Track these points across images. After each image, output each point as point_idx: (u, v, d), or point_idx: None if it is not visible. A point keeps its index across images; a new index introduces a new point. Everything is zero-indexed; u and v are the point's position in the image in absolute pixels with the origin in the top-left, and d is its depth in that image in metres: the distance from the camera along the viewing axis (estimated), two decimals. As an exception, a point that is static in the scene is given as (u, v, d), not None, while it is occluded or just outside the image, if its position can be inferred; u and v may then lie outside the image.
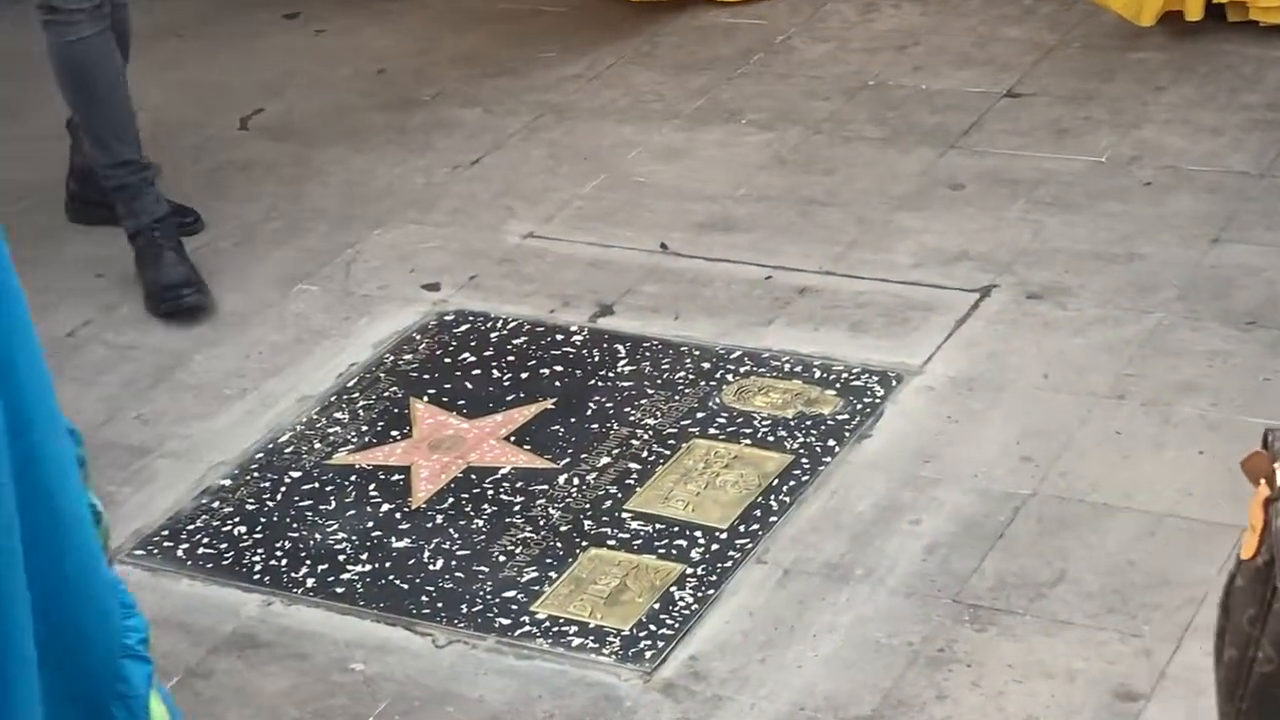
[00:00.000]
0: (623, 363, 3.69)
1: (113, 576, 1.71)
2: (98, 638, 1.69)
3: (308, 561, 3.22)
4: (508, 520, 3.27)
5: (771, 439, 3.41)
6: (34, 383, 1.59)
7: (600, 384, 3.63)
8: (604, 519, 3.25)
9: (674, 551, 3.14)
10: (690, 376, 3.62)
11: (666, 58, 4.99)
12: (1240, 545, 1.49)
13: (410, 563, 3.18)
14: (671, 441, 3.43)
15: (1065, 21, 4.87)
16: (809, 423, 3.44)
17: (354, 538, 3.27)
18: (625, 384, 3.62)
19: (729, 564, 3.10)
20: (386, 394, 3.67)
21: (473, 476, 3.39)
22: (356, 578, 3.17)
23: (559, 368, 3.70)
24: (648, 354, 3.71)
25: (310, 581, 3.16)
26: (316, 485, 3.42)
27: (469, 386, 3.67)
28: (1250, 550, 1.42)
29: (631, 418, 3.51)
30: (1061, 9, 4.90)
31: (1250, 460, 1.44)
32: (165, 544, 3.31)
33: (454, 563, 3.17)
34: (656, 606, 3.01)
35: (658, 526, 3.21)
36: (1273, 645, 1.45)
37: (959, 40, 4.89)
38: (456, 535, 3.24)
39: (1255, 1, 4.58)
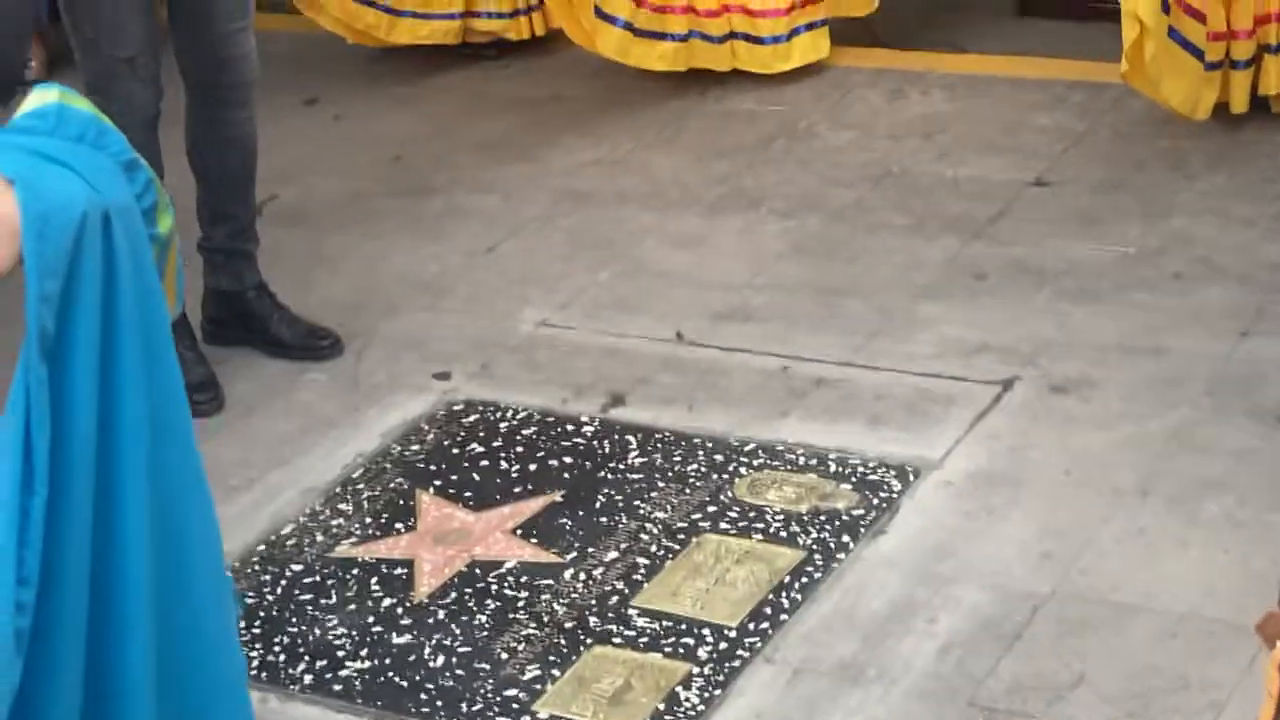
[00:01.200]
0: (634, 454, 3.68)
1: None
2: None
3: (306, 657, 3.20)
4: (511, 616, 3.25)
5: (784, 534, 3.39)
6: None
7: (610, 476, 3.62)
8: (610, 616, 3.23)
9: (681, 650, 3.11)
10: (702, 469, 3.61)
11: (688, 143, 5.01)
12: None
13: (410, 659, 3.17)
14: (681, 536, 3.42)
15: (1095, 109, 4.87)
16: (823, 518, 3.42)
17: (354, 633, 3.25)
18: (635, 476, 3.61)
19: (737, 663, 3.07)
20: (392, 485, 3.67)
21: (477, 570, 3.38)
22: (355, 674, 3.15)
23: (568, 459, 3.69)
24: (659, 446, 3.70)
25: (308, 678, 3.15)
26: (318, 579, 3.41)
27: (476, 478, 3.66)
28: (1269, 717, 1.38)
29: (641, 511, 3.50)
30: (1091, 96, 4.89)
31: (1266, 622, 1.43)
32: (162, 637, 3.29)
33: (455, 659, 3.16)
34: (661, 707, 2.99)
35: (665, 624, 3.19)
36: None
37: (987, 127, 4.90)
38: (459, 631, 3.23)
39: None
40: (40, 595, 1.49)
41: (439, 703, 3.05)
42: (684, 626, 3.17)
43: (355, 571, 3.42)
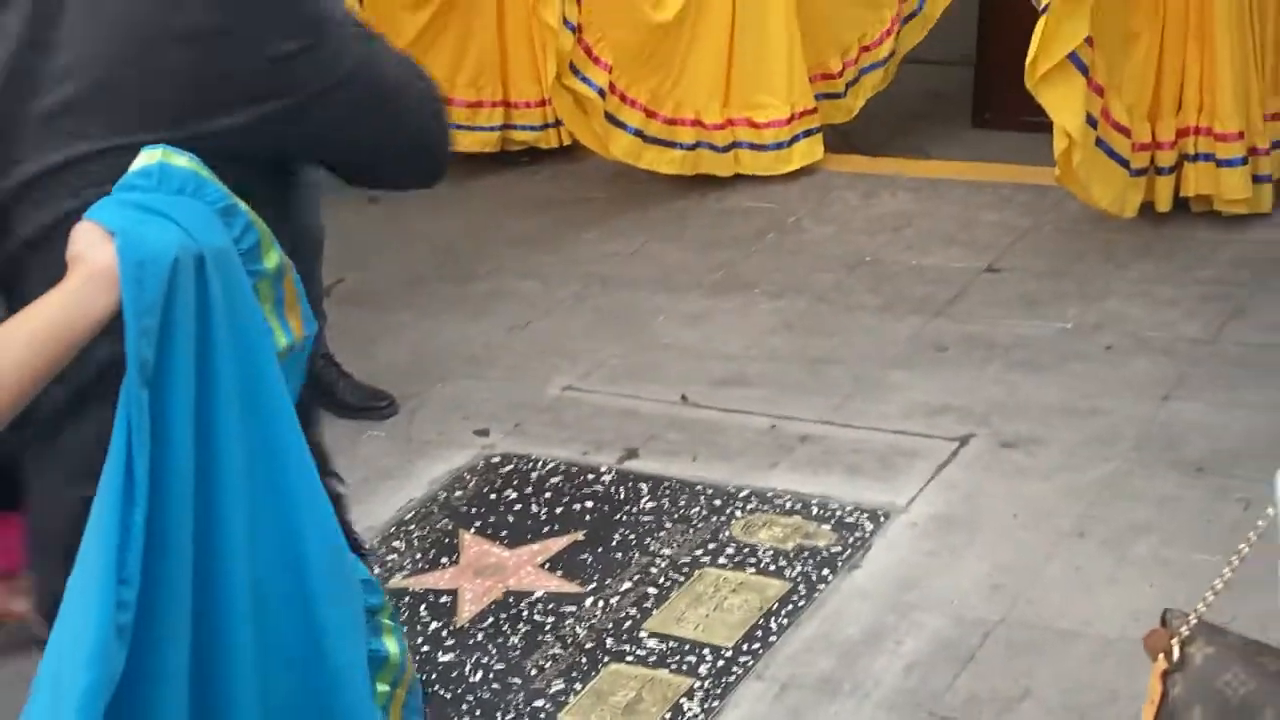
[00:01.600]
0: (645, 500, 3.68)
1: None
2: None
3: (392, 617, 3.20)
4: (539, 638, 3.25)
5: (773, 568, 3.39)
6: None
7: (624, 518, 3.62)
8: (624, 638, 3.23)
9: (685, 667, 3.12)
10: (703, 512, 3.61)
11: (692, 237, 5.02)
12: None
13: (453, 675, 3.17)
14: (685, 569, 3.42)
15: (1039, 208, 4.90)
16: (806, 554, 3.42)
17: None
18: (646, 518, 3.61)
19: (733, 679, 3.07)
20: (439, 526, 3.67)
21: (511, 599, 3.38)
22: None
23: (589, 504, 3.69)
24: (667, 492, 3.70)
25: (365, 690, 3.15)
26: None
27: (510, 520, 3.66)
28: (1154, 700, 1.39)
29: (651, 548, 3.50)
30: (1036, 197, 4.92)
31: (1150, 637, 1.43)
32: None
33: (491, 675, 3.15)
34: (668, 717, 2.99)
35: (671, 645, 3.19)
36: None
37: (946, 223, 4.92)
38: (494, 651, 3.22)
39: (1221, 195, 4.61)
40: (143, 595, 1.46)
41: (477, 712, 3.05)
42: (687, 647, 3.17)
43: (407, 599, 3.41)
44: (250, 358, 1.55)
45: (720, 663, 3.11)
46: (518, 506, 3.70)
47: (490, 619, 3.31)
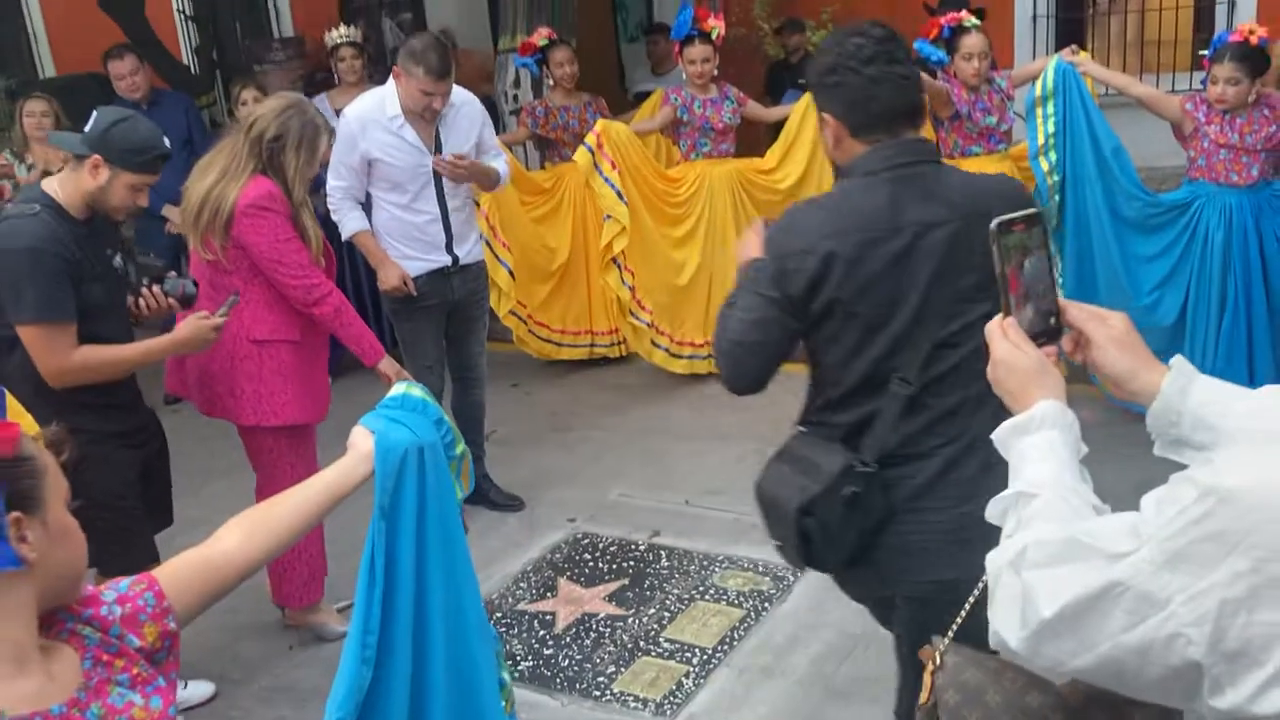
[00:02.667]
0: (664, 561, 3.67)
1: None
2: None
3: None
4: (601, 640, 3.24)
5: (736, 602, 3.37)
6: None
7: (651, 571, 3.61)
8: (650, 640, 3.22)
9: (684, 659, 3.11)
10: (697, 568, 3.59)
11: (695, 407, 5.00)
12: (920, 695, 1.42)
13: (553, 661, 3.16)
14: (686, 602, 3.40)
15: None
16: (755, 594, 3.40)
17: (524, 648, 3.25)
18: (664, 572, 3.60)
19: (712, 666, 3.07)
20: (546, 574, 3.66)
21: (585, 618, 3.37)
22: (525, 668, 3.14)
23: (631, 563, 3.68)
24: (677, 556, 3.69)
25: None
26: (509, 620, 3.40)
27: (586, 571, 3.65)
28: (925, 698, 1.33)
29: (666, 589, 3.49)
30: None
31: (923, 650, 1.38)
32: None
33: (573, 662, 3.15)
34: (674, 688, 2.98)
35: (677, 645, 3.18)
36: None
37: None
38: (576, 648, 3.22)
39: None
40: (380, 638, 1.48)
41: (565, 683, 3.05)
42: (686, 647, 3.16)
43: (525, 616, 3.41)
44: (445, 506, 1.56)
45: (705, 656, 3.10)
46: (591, 563, 3.70)
47: (574, 629, 3.32)
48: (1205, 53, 4.16)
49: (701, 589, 3.45)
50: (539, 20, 5.92)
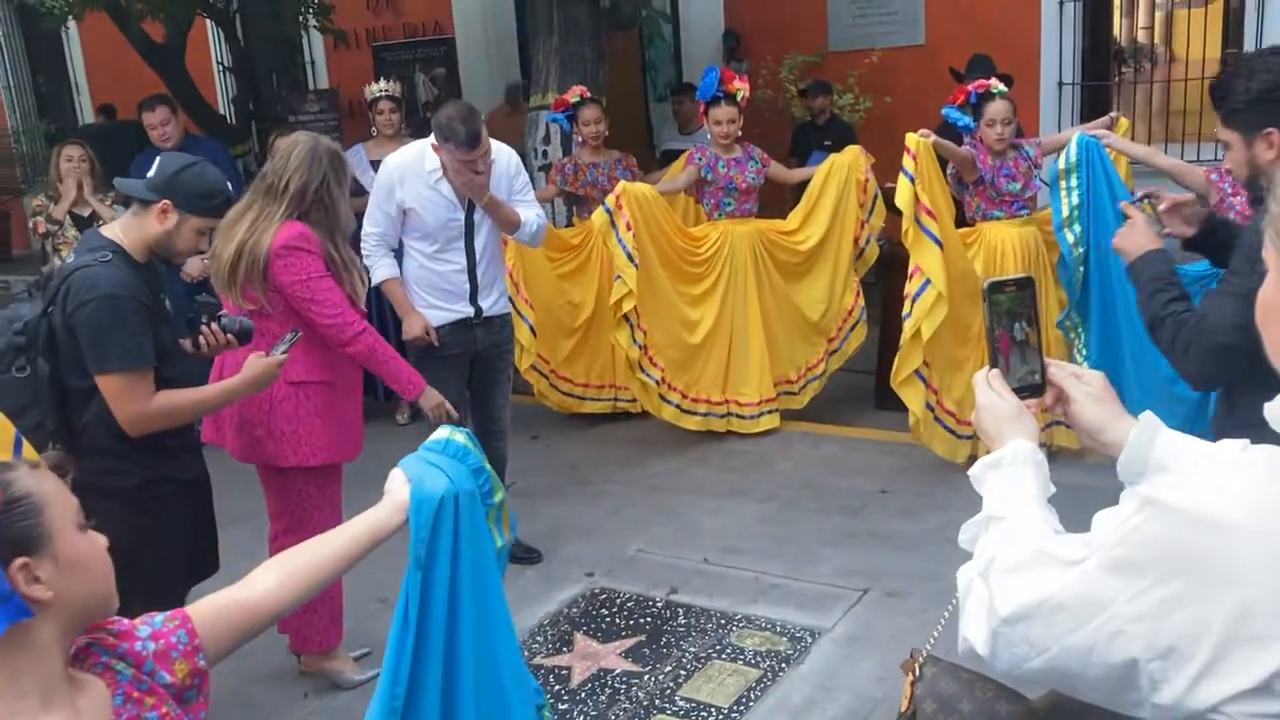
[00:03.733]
0: (681, 618, 3.65)
1: None
2: None
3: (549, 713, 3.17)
4: (616, 698, 3.22)
5: (753, 661, 3.35)
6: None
7: (669, 629, 3.59)
8: (665, 699, 3.19)
9: (701, 717, 3.08)
10: (714, 627, 3.57)
11: (714, 463, 5.01)
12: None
13: (567, 716, 3.13)
14: (702, 660, 3.38)
15: (910, 455, 4.81)
16: (772, 654, 3.38)
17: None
18: (681, 629, 3.58)
19: (727, 727, 3.02)
20: (562, 629, 3.64)
21: (601, 673, 3.35)
22: (539, 723, 3.12)
23: (648, 619, 3.66)
24: (695, 614, 3.67)
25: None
26: (523, 674, 3.38)
27: (603, 627, 3.63)
28: (905, 707, 1.45)
29: (683, 646, 3.46)
30: (911, 449, 4.80)
31: (905, 663, 1.51)
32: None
33: (590, 717, 3.12)
34: (688, 748, 2.94)
35: (692, 705, 3.15)
36: None
37: (858, 463, 4.89)
38: (591, 704, 3.19)
39: (1052, 437, 4.47)
40: (409, 689, 1.48)
41: (579, 740, 3.02)
42: (702, 706, 3.13)
43: (540, 671, 3.38)
44: (480, 556, 1.56)
45: (720, 716, 3.08)
46: (608, 619, 3.68)
47: (589, 684, 3.30)
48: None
49: (719, 648, 3.42)
50: (571, 78, 6.03)
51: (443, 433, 1.57)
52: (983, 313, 1.27)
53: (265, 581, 1.40)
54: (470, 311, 3.80)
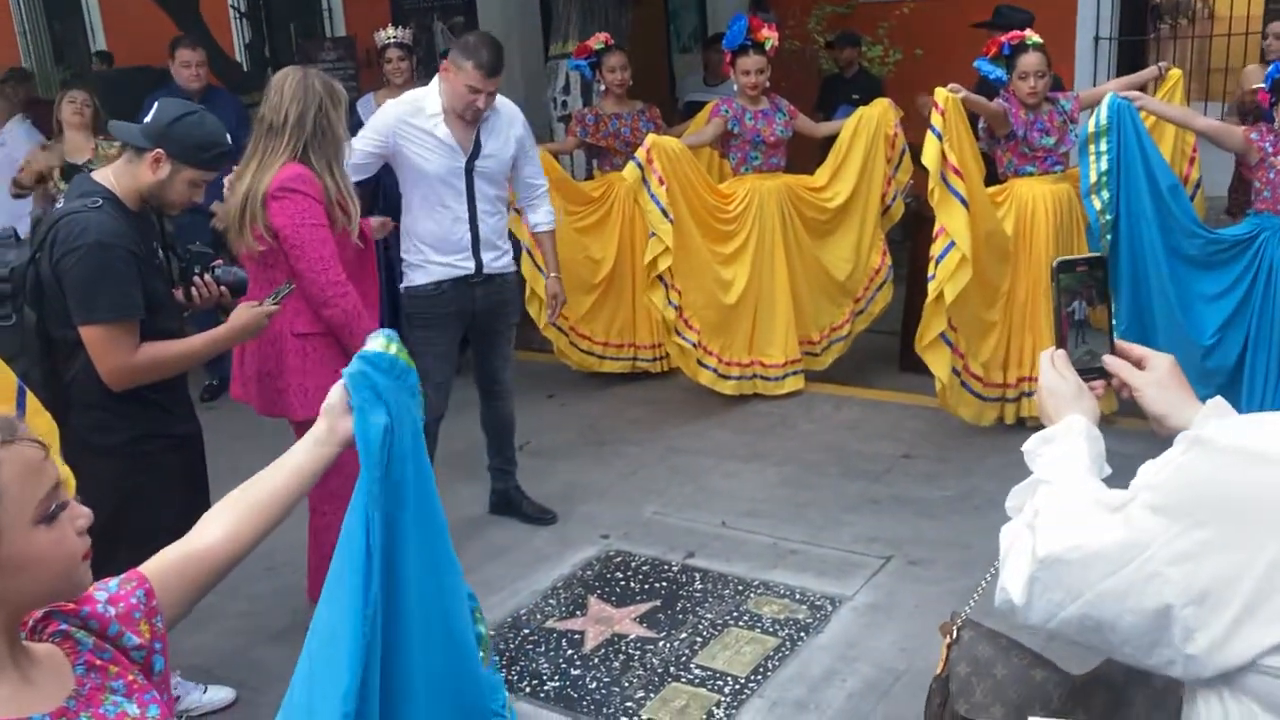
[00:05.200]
0: (698, 584, 3.59)
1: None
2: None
3: (527, 678, 3.13)
4: (630, 664, 3.17)
5: (771, 629, 3.29)
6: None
7: (685, 594, 3.53)
8: (680, 666, 3.14)
9: (715, 687, 3.03)
10: (731, 593, 3.51)
11: (733, 426, 4.94)
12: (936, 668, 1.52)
13: (579, 682, 3.09)
14: (719, 627, 3.32)
15: (937, 419, 4.72)
16: (791, 622, 3.32)
17: (552, 667, 3.18)
18: (697, 594, 3.52)
19: (744, 697, 2.98)
20: (576, 592, 3.60)
21: (615, 638, 3.31)
22: (551, 689, 3.08)
23: (664, 583, 3.61)
24: (712, 579, 3.61)
25: (527, 689, 3.07)
26: (536, 638, 3.34)
27: (618, 590, 3.58)
28: (940, 670, 1.47)
29: (699, 613, 3.41)
30: (935, 413, 4.71)
31: (942, 626, 1.53)
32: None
33: (601, 685, 3.08)
34: (704, 717, 2.90)
35: (708, 673, 3.10)
36: (950, 717, 1.46)
37: (881, 426, 4.82)
38: (604, 669, 3.15)
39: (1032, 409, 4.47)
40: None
41: (592, 706, 2.98)
42: (718, 675, 3.08)
43: (554, 635, 3.34)
44: (422, 475, 1.50)
45: (737, 686, 3.02)
46: (623, 582, 3.63)
47: (603, 650, 3.25)
48: (1261, 85, 4.05)
49: (736, 615, 3.37)
50: (592, 27, 5.89)
51: (379, 343, 1.47)
52: (1049, 292, 1.26)
53: (214, 531, 1.37)
54: (471, 267, 3.67)
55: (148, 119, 2.57)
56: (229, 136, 2.68)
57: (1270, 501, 0.87)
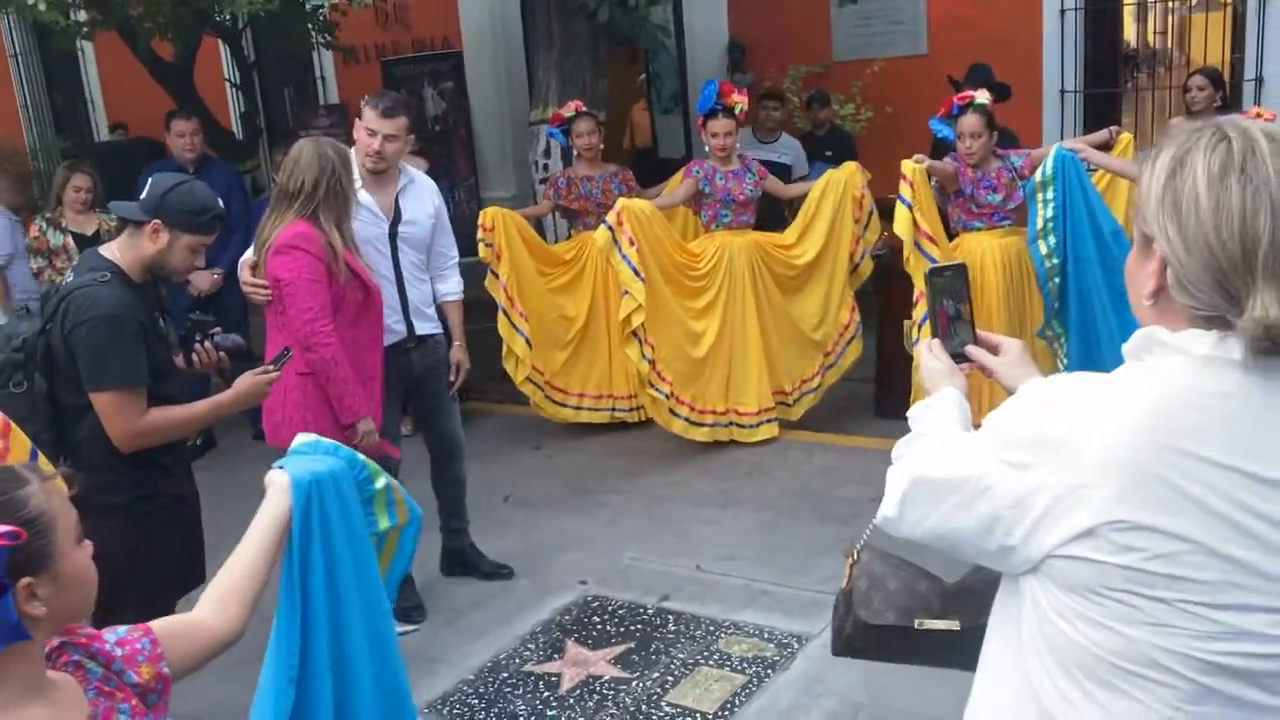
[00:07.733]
0: (671, 625, 3.72)
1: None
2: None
3: (505, 718, 3.26)
4: (604, 704, 3.30)
5: (739, 667, 3.42)
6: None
7: (658, 635, 3.66)
8: (651, 705, 3.26)
9: (683, 723, 3.14)
10: (704, 633, 3.64)
11: (711, 473, 5.07)
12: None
13: (554, 721, 3.22)
14: (690, 667, 3.45)
15: None
16: (759, 660, 3.45)
17: (526, 708, 3.31)
18: (670, 636, 3.65)
19: (710, 731, 3.09)
20: (554, 635, 3.72)
21: (591, 680, 3.43)
22: (527, 728, 3.20)
23: (639, 626, 3.74)
24: (685, 620, 3.74)
25: (505, 728, 3.20)
26: (514, 680, 3.47)
27: (594, 634, 3.71)
28: (845, 584, 1.68)
29: (671, 652, 3.54)
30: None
31: (846, 548, 1.72)
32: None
33: (575, 723, 3.20)
34: (671, 751, 3.02)
35: (678, 711, 3.22)
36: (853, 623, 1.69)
37: (855, 472, 4.89)
38: (579, 709, 3.27)
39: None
40: (301, 662, 1.66)
41: (565, 744, 3.10)
42: (687, 712, 3.21)
43: (531, 678, 3.47)
44: (353, 525, 1.72)
45: (704, 721, 3.15)
46: (599, 626, 3.76)
47: (578, 691, 3.38)
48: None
49: (706, 654, 3.50)
50: (570, 92, 6.14)
51: (305, 437, 1.73)
52: (924, 292, 1.50)
53: (204, 608, 1.54)
54: (403, 330, 3.75)
55: (143, 195, 2.77)
56: (220, 201, 2.89)
57: (1063, 438, 1.14)
